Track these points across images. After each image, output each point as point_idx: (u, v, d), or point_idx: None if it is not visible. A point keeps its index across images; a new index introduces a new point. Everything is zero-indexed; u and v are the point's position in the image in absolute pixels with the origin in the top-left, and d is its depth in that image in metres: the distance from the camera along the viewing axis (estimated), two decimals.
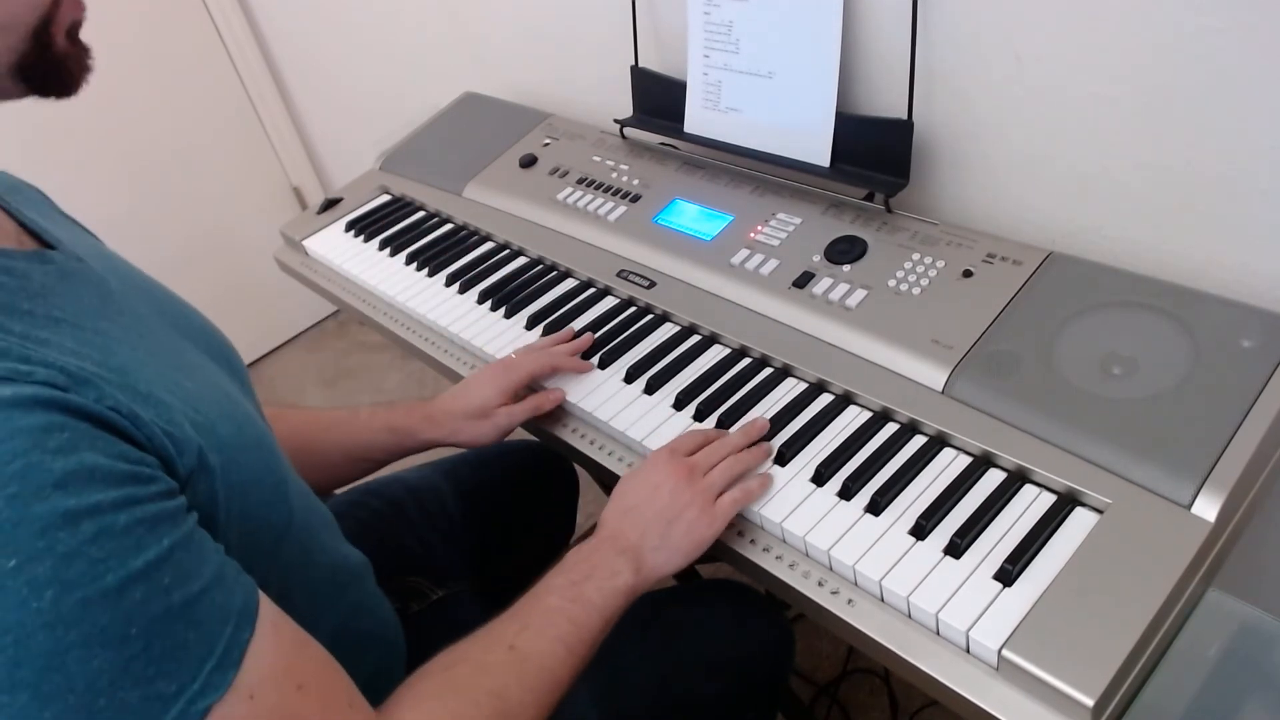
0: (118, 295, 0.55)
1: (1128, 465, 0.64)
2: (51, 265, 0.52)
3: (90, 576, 0.40)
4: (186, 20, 1.96)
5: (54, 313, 0.48)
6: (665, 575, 0.70)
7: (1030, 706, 0.57)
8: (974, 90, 0.88)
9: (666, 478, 0.71)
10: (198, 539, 0.46)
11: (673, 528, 0.69)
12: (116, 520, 0.41)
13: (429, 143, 1.35)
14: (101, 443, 0.43)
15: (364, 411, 0.88)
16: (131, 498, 0.42)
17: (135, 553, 0.41)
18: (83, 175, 1.90)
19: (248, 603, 0.47)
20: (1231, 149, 0.74)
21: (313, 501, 0.69)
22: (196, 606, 0.43)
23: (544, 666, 0.60)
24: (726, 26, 1.00)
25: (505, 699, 0.57)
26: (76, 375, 0.44)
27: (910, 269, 0.85)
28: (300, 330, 2.43)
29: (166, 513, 0.44)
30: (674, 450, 0.74)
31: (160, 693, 0.41)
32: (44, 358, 0.44)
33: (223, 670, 0.44)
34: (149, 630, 0.41)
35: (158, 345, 0.54)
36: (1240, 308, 0.71)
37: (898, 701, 1.29)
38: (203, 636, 0.43)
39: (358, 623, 0.70)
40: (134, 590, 0.41)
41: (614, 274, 1.00)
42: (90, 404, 0.43)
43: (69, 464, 0.40)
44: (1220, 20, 0.70)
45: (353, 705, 0.51)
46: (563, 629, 0.63)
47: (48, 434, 0.41)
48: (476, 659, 0.59)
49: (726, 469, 0.72)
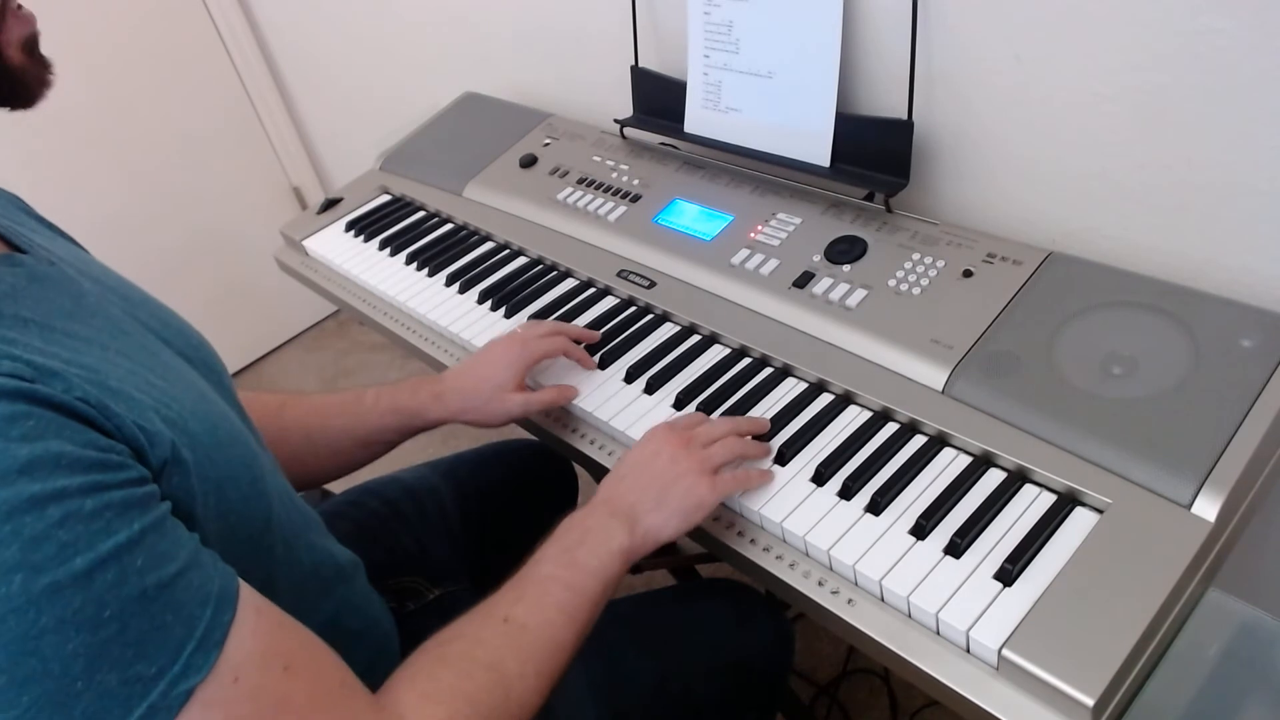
0: (91, 298, 0.55)
1: (1128, 465, 0.64)
2: (21, 268, 0.52)
3: (58, 560, 0.40)
4: (186, 20, 1.96)
5: (22, 313, 0.48)
6: (663, 539, 0.68)
7: (1030, 706, 0.57)
8: (974, 90, 0.88)
9: (664, 444, 0.71)
10: (170, 525, 0.46)
11: (670, 489, 0.69)
12: (84, 505, 0.41)
13: (429, 143, 1.35)
14: (68, 431, 0.43)
15: (369, 395, 0.86)
16: (99, 484, 0.42)
17: (104, 536, 0.41)
18: (83, 175, 1.90)
19: (226, 586, 0.47)
20: (1231, 149, 0.74)
21: (295, 500, 0.69)
22: (172, 589, 0.43)
23: (541, 635, 0.60)
24: (726, 26, 1.00)
25: (502, 670, 0.57)
26: (43, 368, 0.44)
27: (910, 269, 0.85)
28: (300, 330, 2.43)
29: (136, 498, 0.44)
30: (673, 424, 0.74)
31: (140, 675, 0.41)
32: (9, 353, 0.44)
33: (204, 652, 0.44)
34: (124, 612, 0.41)
35: (131, 347, 0.54)
36: (1240, 308, 0.71)
37: (898, 701, 1.29)
38: (181, 619, 0.43)
39: (346, 621, 0.70)
40: (104, 573, 0.41)
41: (614, 274, 1.00)
42: (58, 394, 0.43)
43: (34, 450, 0.41)
44: (1220, 20, 0.70)
45: (344, 685, 0.51)
46: (559, 596, 0.62)
47: (12, 422, 0.41)
48: (471, 633, 0.59)
49: (726, 446, 0.72)
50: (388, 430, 0.86)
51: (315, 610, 0.66)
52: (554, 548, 0.66)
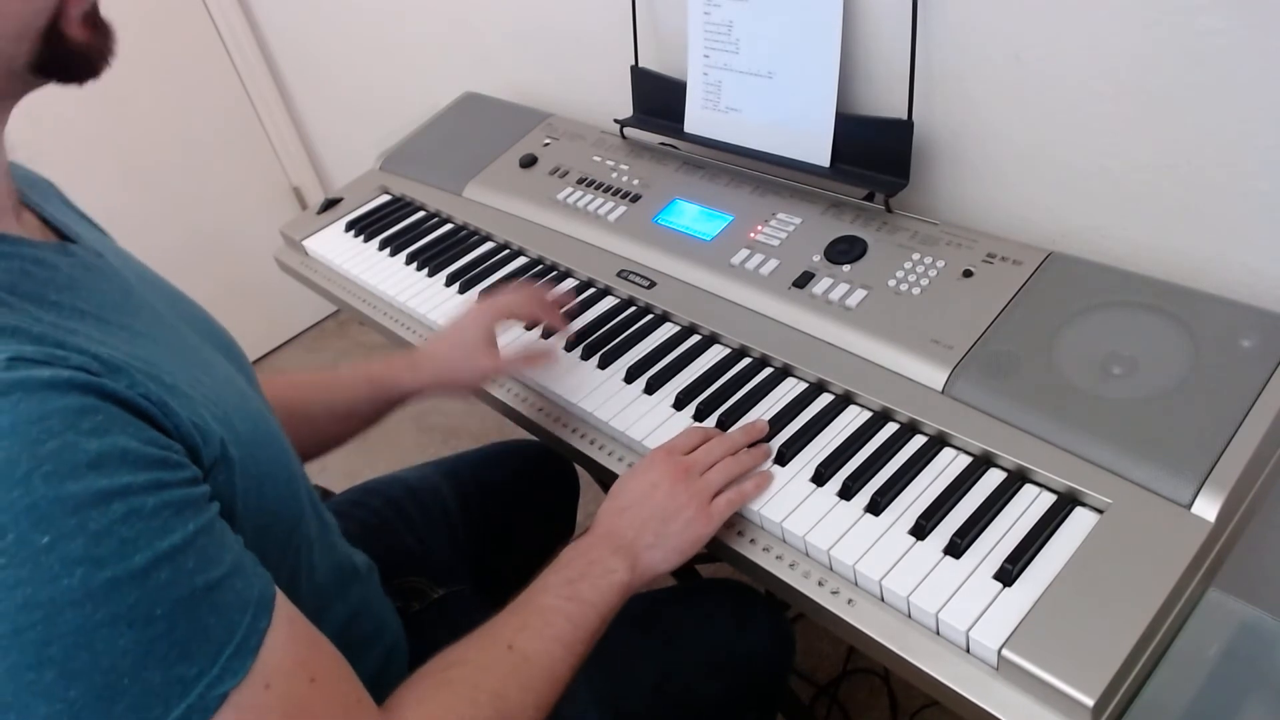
0: (136, 291, 0.55)
1: (1128, 465, 0.64)
2: (74, 259, 0.52)
3: (119, 556, 0.40)
4: (186, 20, 1.96)
5: (80, 305, 0.49)
6: (661, 574, 0.70)
7: (1030, 706, 0.57)
8: (974, 90, 0.88)
9: (663, 476, 0.71)
10: (219, 527, 0.46)
11: (668, 525, 0.69)
12: (145, 502, 0.42)
13: (429, 143, 1.34)
14: (133, 427, 0.43)
15: (345, 368, 0.87)
16: (160, 481, 0.43)
17: (162, 535, 0.42)
18: (82, 175, 1.89)
19: (265, 593, 0.47)
20: (1232, 149, 0.74)
21: (318, 501, 0.69)
22: (218, 592, 0.44)
23: (542, 665, 0.60)
24: (726, 26, 1.00)
25: (505, 698, 0.57)
26: (109, 362, 0.45)
27: (910, 269, 0.85)
28: (300, 330, 2.43)
29: (192, 499, 0.45)
30: (671, 449, 0.74)
31: (181, 675, 0.41)
32: (77, 344, 0.44)
33: (241, 657, 0.44)
34: (173, 612, 0.41)
35: (177, 341, 0.55)
36: (1240, 308, 0.71)
37: (898, 701, 1.29)
38: (223, 622, 0.44)
39: (360, 623, 0.71)
40: (160, 571, 0.41)
41: (614, 274, 1.00)
42: (122, 390, 0.44)
43: (102, 445, 0.41)
44: (1220, 20, 0.70)
45: (360, 702, 0.52)
46: (560, 628, 0.63)
47: (82, 416, 0.41)
48: (475, 659, 0.60)
49: (724, 469, 0.72)
50: (361, 401, 0.86)
51: (331, 611, 0.66)
52: (556, 577, 0.66)
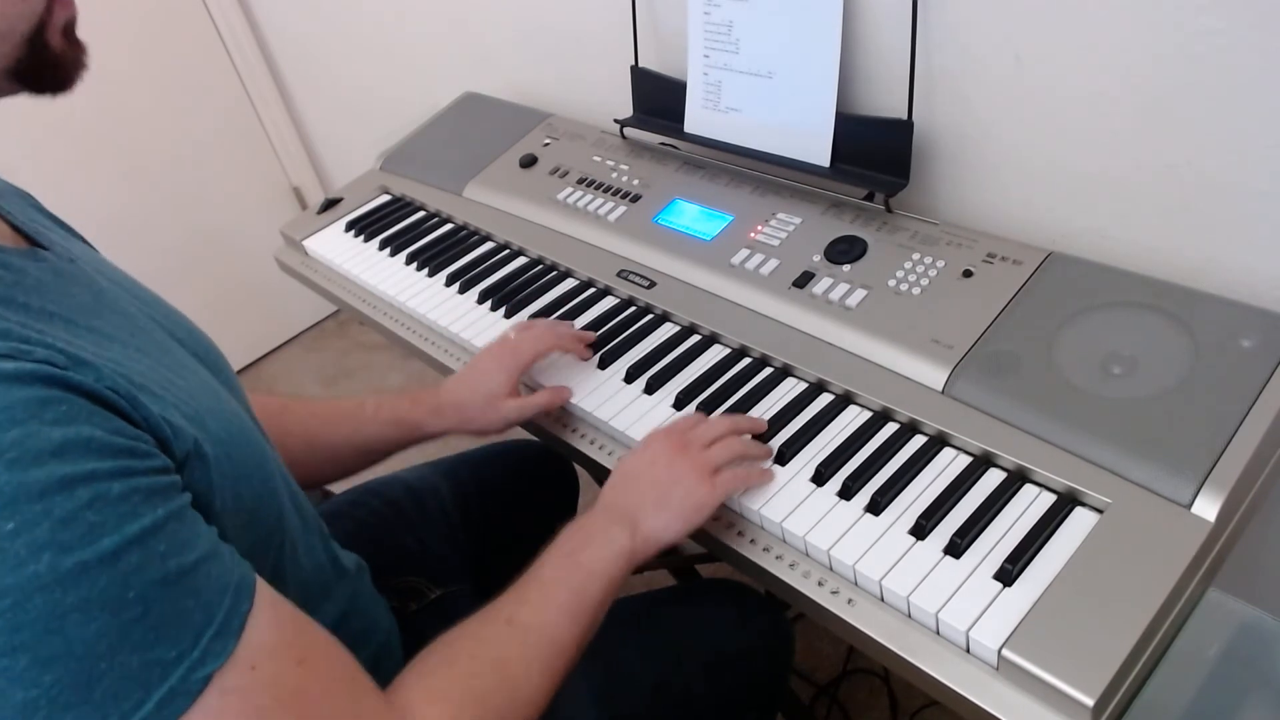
0: (109, 295, 0.56)
1: (1128, 465, 0.64)
2: (45, 264, 0.52)
3: (86, 540, 0.40)
4: (186, 20, 1.96)
5: (49, 307, 0.49)
6: (665, 541, 0.69)
7: (1030, 706, 0.57)
8: (974, 90, 0.88)
9: (662, 451, 0.72)
10: (191, 515, 0.47)
11: (671, 492, 0.69)
12: (111, 488, 0.42)
13: (429, 143, 1.34)
14: (98, 418, 0.44)
15: (370, 404, 0.87)
16: (127, 469, 0.43)
17: (130, 519, 0.42)
18: (82, 175, 1.90)
19: (245, 578, 0.47)
20: (1231, 149, 0.74)
21: (303, 501, 0.69)
22: (193, 576, 0.44)
23: (545, 636, 0.61)
24: (726, 26, 1.00)
25: (508, 669, 0.58)
26: (75, 357, 0.45)
27: (910, 269, 0.85)
28: (300, 330, 2.43)
29: (161, 486, 0.45)
30: (671, 428, 0.75)
31: (160, 658, 0.42)
32: (44, 341, 0.45)
33: (223, 639, 0.44)
34: (147, 595, 0.42)
35: (149, 344, 0.55)
36: (1240, 308, 0.71)
37: (898, 701, 1.29)
38: (201, 605, 0.44)
39: (350, 622, 0.71)
40: (130, 555, 0.42)
41: (614, 274, 1.00)
42: (89, 383, 0.44)
43: (66, 434, 0.41)
44: (1220, 20, 0.70)
45: (355, 681, 0.52)
46: (561, 597, 0.63)
47: (45, 406, 0.41)
48: (476, 633, 0.60)
49: (727, 446, 0.72)
50: (388, 441, 0.87)
51: (320, 611, 0.66)
52: (556, 552, 0.66)
